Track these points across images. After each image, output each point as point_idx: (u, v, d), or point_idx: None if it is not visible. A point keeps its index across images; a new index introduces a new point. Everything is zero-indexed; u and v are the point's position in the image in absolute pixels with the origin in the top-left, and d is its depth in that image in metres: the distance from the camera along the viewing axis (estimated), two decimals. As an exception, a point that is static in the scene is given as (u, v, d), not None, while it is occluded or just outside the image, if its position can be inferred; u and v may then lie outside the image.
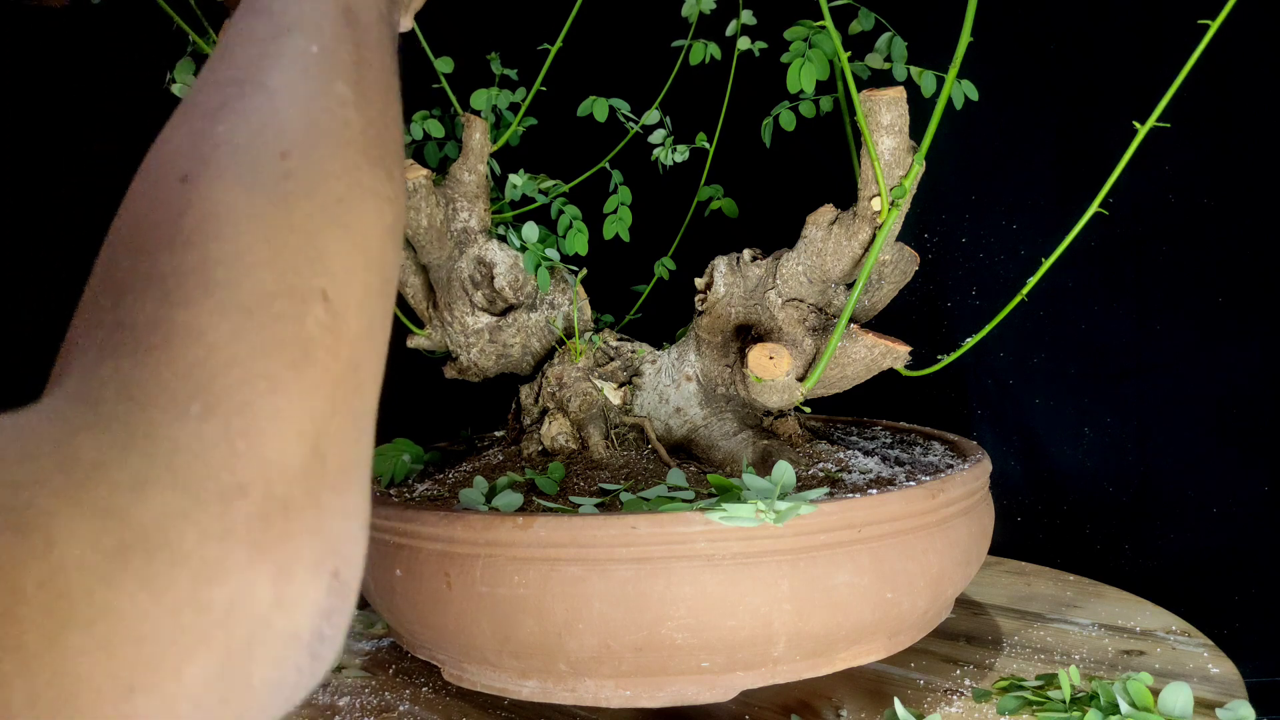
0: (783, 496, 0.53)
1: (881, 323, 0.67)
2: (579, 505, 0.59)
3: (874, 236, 0.61)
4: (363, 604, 0.80)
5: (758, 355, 0.61)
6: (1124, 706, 0.53)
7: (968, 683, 0.61)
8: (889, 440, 0.77)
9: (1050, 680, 0.59)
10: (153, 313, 0.25)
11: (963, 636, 0.69)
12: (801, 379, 0.64)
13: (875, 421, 0.83)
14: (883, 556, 0.55)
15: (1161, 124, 0.57)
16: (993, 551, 0.69)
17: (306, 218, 0.28)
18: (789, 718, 0.57)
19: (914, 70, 0.63)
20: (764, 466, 0.63)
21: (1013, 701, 0.56)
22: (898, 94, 0.57)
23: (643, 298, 0.82)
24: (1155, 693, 0.54)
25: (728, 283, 0.68)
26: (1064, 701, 0.55)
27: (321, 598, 0.25)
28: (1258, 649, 0.87)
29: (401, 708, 0.62)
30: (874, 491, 0.57)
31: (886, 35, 0.65)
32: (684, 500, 0.58)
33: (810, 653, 0.56)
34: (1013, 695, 0.57)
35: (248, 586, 0.23)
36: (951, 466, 0.65)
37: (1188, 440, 0.89)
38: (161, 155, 0.29)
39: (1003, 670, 0.63)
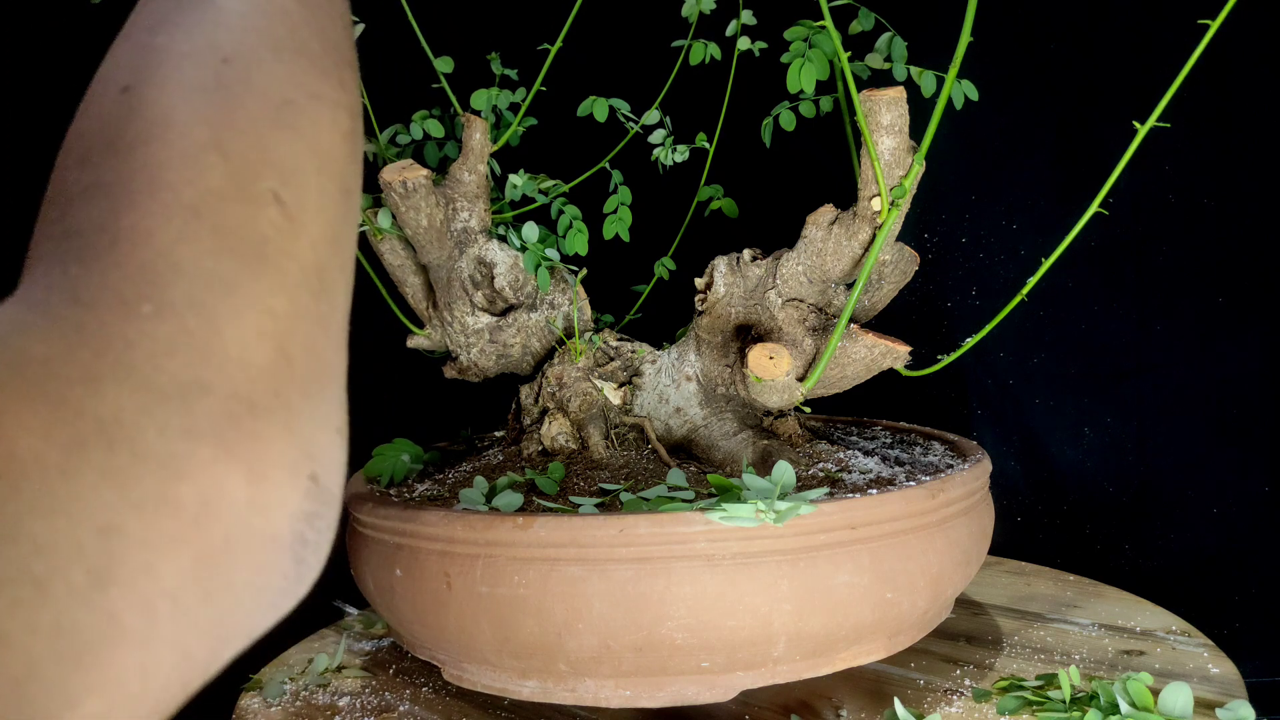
0: (783, 496, 0.53)
1: (881, 323, 0.67)
2: (579, 505, 0.59)
3: (874, 236, 0.61)
4: (363, 604, 0.80)
5: (758, 355, 0.61)
6: (1124, 706, 0.53)
7: (968, 683, 0.61)
8: (889, 440, 0.77)
9: (1050, 680, 0.59)
10: (99, 218, 0.25)
11: (963, 636, 0.69)
12: (801, 379, 0.64)
13: (875, 421, 0.83)
14: (882, 556, 0.55)
15: (1161, 124, 0.57)
16: (993, 551, 0.69)
17: (252, 121, 0.27)
18: (789, 718, 0.57)
19: (914, 70, 0.63)
20: (764, 466, 0.63)
21: (1013, 701, 0.56)
22: (898, 94, 0.57)
23: (643, 298, 0.82)
24: (1155, 693, 0.54)
25: (728, 283, 0.68)
26: (1064, 701, 0.55)
27: (300, 501, 0.25)
28: (1258, 649, 0.87)
29: (401, 708, 0.62)
30: (874, 491, 0.57)
31: (886, 35, 0.65)
32: (684, 500, 0.58)
33: (810, 653, 0.56)
34: (1013, 695, 0.57)
35: (219, 486, 0.23)
36: (951, 466, 0.65)
37: (1188, 440, 0.89)
38: (104, 71, 0.29)
39: (1003, 670, 0.63)
